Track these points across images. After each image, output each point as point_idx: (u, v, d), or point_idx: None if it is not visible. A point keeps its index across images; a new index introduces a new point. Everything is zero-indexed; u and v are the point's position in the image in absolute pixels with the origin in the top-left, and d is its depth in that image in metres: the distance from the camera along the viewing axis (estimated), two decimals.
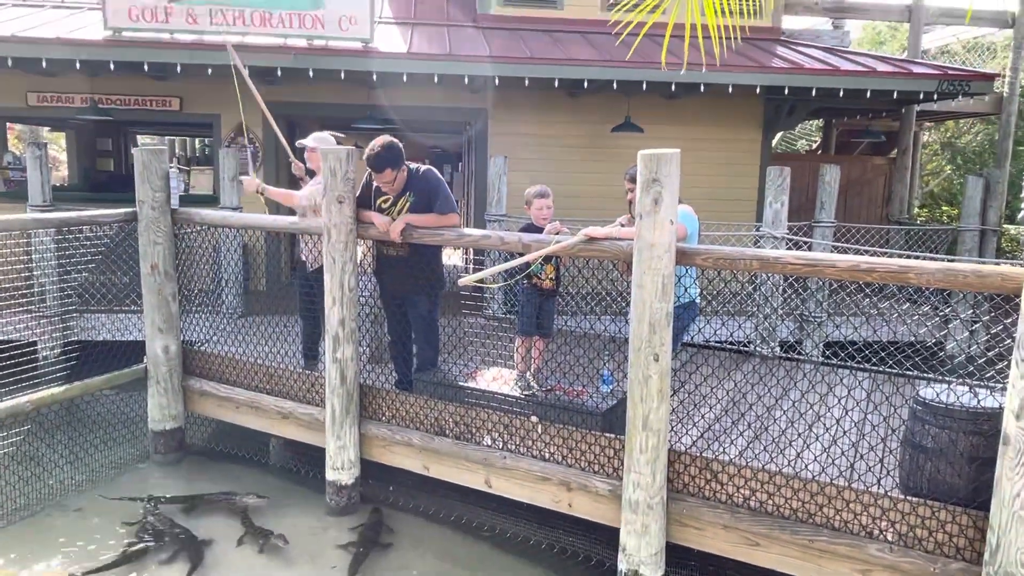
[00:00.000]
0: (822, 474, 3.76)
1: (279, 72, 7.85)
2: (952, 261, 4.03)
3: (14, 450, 5.01)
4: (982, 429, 3.35)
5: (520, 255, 4.22)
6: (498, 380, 4.79)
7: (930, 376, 5.68)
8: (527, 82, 8.12)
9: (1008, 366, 2.95)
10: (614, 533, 3.92)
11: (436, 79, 7.96)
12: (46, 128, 15.27)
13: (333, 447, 4.77)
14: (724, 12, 3.26)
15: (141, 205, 5.33)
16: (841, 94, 8.38)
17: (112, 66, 7.71)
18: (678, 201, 3.57)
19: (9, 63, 7.61)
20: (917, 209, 13.64)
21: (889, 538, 3.34)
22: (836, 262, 3.32)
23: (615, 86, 8.23)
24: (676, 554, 3.90)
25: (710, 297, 6.87)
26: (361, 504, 4.89)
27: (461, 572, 4.38)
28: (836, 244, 7.39)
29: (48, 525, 4.68)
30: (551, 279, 4.78)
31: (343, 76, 7.93)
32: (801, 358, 7.01)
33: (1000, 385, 3.86)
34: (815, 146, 16.01)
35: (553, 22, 9.44)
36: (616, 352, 4.77)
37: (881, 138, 11.86)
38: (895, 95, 8.51)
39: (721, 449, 4.42)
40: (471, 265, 8.38)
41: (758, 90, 8.41)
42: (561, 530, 4.53)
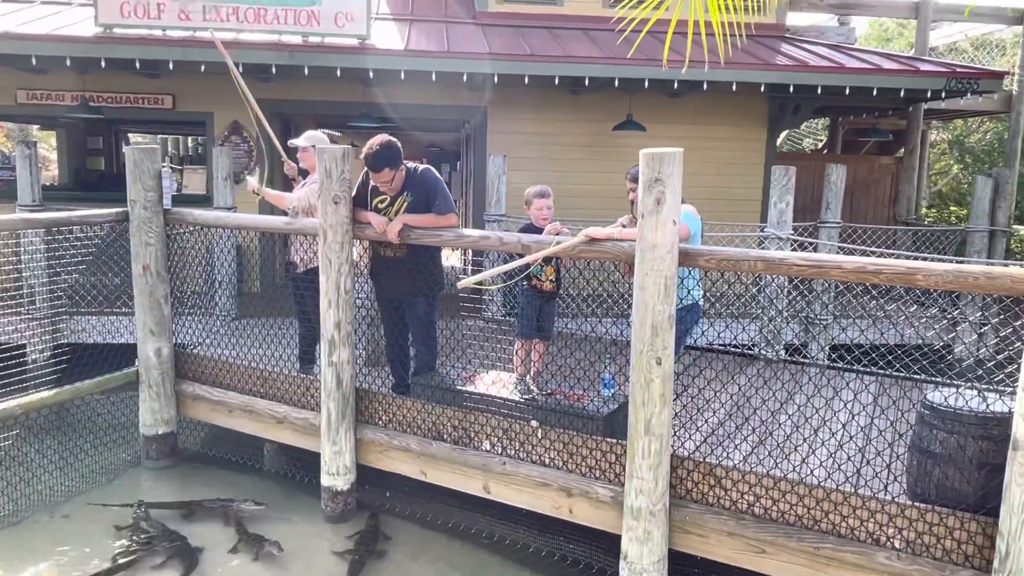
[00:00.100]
0: (828, 480, 3.77)
1: (274, 69, 7.86)
2: (961, 262, 4.03)
3: (2, 455, 5.01)
4: (991, 434, 3.36)
5: (520, 256, 4.22)
6: (497, 384, 4.79)
7: (938, 380, 5.68)
8: (527, 80, 8.13)
9: (1018, 369, 2.95)
10: (615, 540, 3.92)
11: (434, 77, 7.96)
12: (36, 126, 15.28)
13: (329, 452, 4.77)
14: (728, 8, 3.26)
15: (133, 205, 5.33)
16: (847, 92, 8.39)
17: (103, 63, 7.70)
18: (681, 201, 3.57)
19: None
20: (925, 209, 13.65)
21: (896, 545, 3.35)
22: (842, 263, 3.32)
23: (617, 84, 8.24)
24: (679, 562, 3.90)
25: (713, 299, 6.88)
26: (357, 510, 4.89)
27: None
28: (842, 245, 7.40)
29: (37, 532, 4.68)
30: (551, 281, 4.78)
31: (339, 74, 7.93)
32: (806, 361, 7.01)
33: (1009, 389, 3.87)
34: (821, 145, 16.03)
35: (553, 18, 9.45)
36: (618, 355, 4.77)
37: (888, 137, 11.87)
38: (902, 93, 8.53)
39: (725, 454, 4.42)
40: (470, 266, 8.39)
41: (762, 88, 8.42)
42: (562, 537, 4.52)
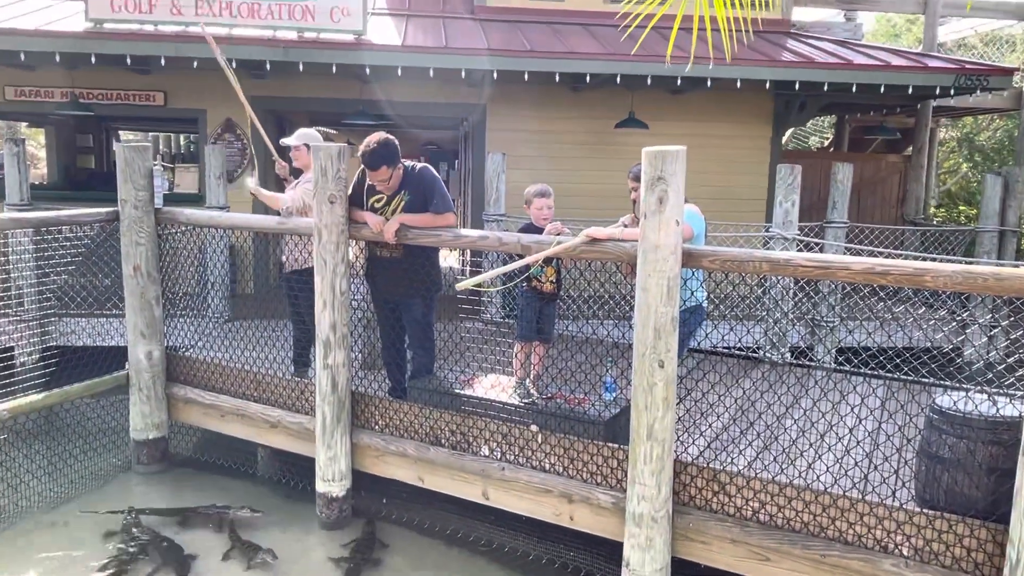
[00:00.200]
0: (834, 486, 3.77)
1: (268, 66, 7.87)
2: (970, 263, 4.04)
3: None
4: (1001, 439, 3.36)
5: (519, 257, 4.23)
6: (496, 387, 4.80)
7: (947, 383, 5.69)
8: (527, 76, 8.13)
9: None
10: (617, 547, 3.92)
11: (432, 73, 7.97)
12: (24, 124, 15.27)
13: (324, 457, 4.77)
14: (734, 4, 3.27)
15: (123, 204, 5.33)
16: (854, 89, 8.41)
17: (93, 59, 7.71)
18: (684, 200, 3.58)
19: None
20: (933, 209, 13.66)
21: (904, 553, 3.35)
22: (849, 264, 3.32)
23: (618, 80, 8.25)
24: (682, 569, 3.90)
25: (717, 301, 6.87)
26: (353, 517, 4.89)
27: None
28: (849, 245, 7.40)
29: (25, 538, 4.67)
30: (552, 282, 4.78)
31: (335, 70, 7.94)
32: (813, 365, 7.02)
33: (1020, 392, 3.88)
34: (827, 143, 16.05)
35: (554, 13, 9.46)
36: (619, 358, 4.77)
37: (896, 135, 11.88)
38: (910, 90, 8.54)
39: (729, 460, 4.42)
40: (468, 267, 8.40)
41: (767, 85, 8.44)
42: (562, 544, 4.52)
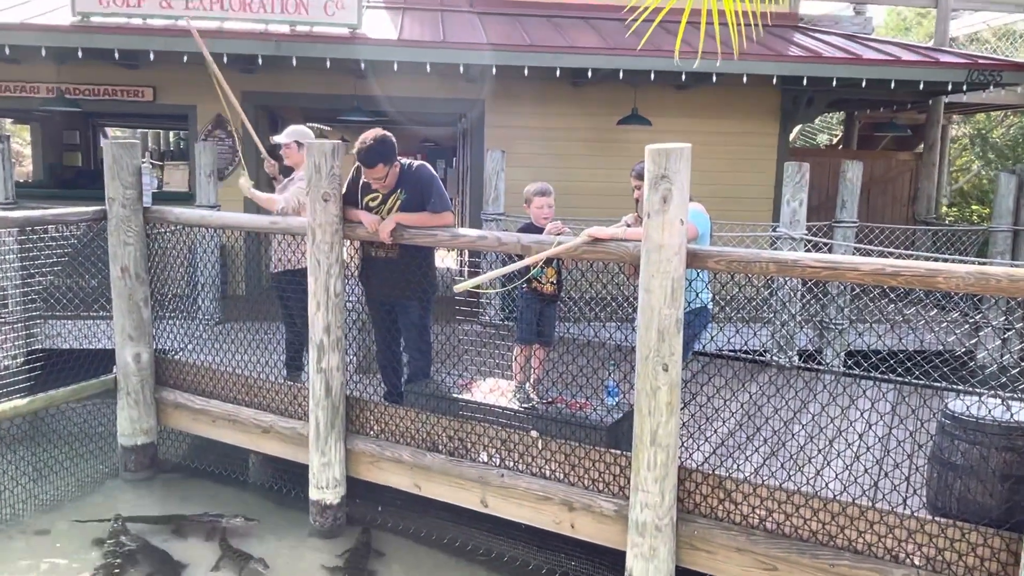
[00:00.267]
0: (844, 493, 3.75)
1: (260, 60, 7.86)
2: (983, 264, 4.03)
3: None
4: (1015, 444, 3.36)
5: (519, 257, 4.22)
6: (495, 392, 4.79)
7: (960, 388, 5.68)
8: (527, 71, 8.13)
9: None
10: (620, 557, 3.91)
11: (429, 68, 7.96)
12: (9, 120, 15.28)
13: (317, 464, 4.76)
14: None
15: (111, 203, 5.32)
16: (863, 84, 8.39)
17: (80, 53, 7.70)
18: (688, 199, 3.57)
19: None
20: (945, 208, 13.66)
21: (916, 562, 3.34)
22: (859, 265, 3.32)
23: (621, 76, 8.24)
24: None
25: (723, 302, 6.87)
26: (347, 525, 4.87)
27: None
28: (858, 246, 7.40)
29: (10, 547, 4.66)
30: (552, 283, 4.77)
31: (329, 65, 7.93)
32: (821, 368, 7.01)
33: None
34: (836, 140, 16.05)
35: (555, 7, 9.46)
36: (622, 362, 4.76)
37: (907, 132, 11.88)
38: (921, 86, 8.53)
39: (735, 466, 4.42)
40: (466, 268, 8.39)
41: (774, 80, 8.43)
42: (563, 553, 4.52)
